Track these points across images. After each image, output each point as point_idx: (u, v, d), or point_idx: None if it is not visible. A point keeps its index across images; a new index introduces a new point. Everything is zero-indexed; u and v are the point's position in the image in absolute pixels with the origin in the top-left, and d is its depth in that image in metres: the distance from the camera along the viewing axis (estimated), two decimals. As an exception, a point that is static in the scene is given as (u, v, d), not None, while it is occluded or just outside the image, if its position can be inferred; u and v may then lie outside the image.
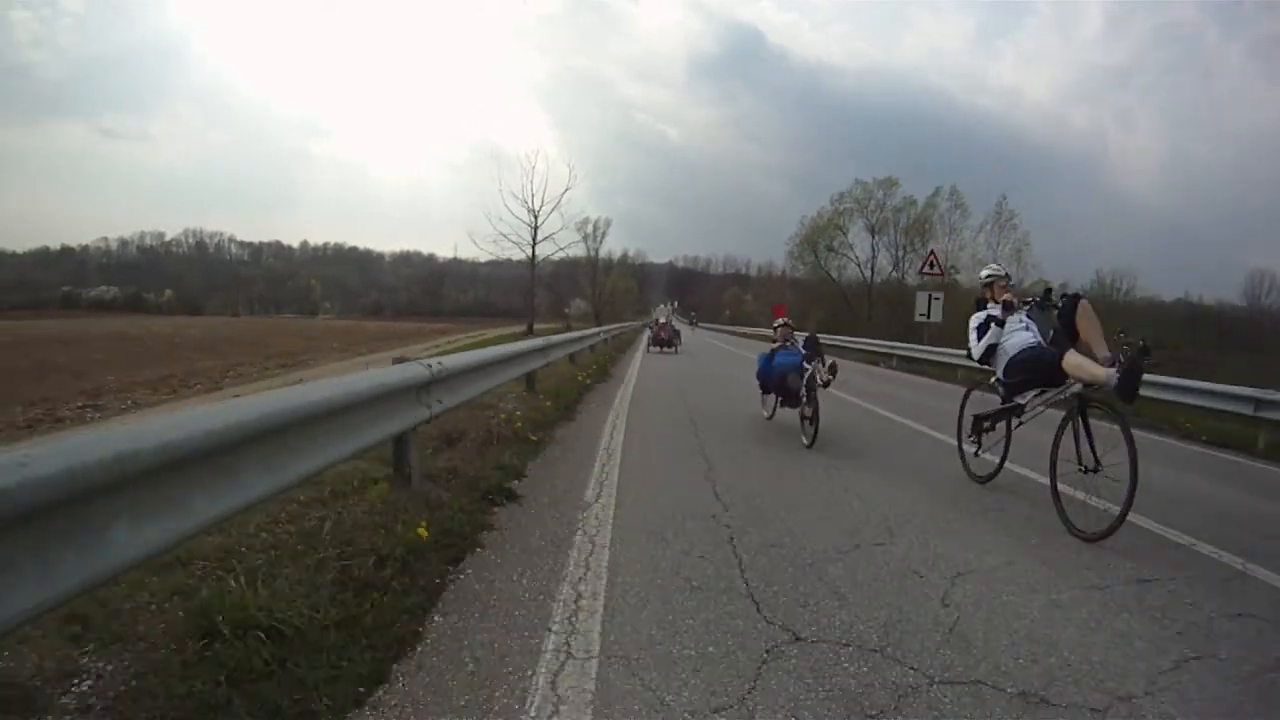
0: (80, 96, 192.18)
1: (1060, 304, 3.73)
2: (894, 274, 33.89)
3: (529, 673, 1.83)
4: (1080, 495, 3.28)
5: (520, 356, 5.67)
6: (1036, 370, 3.66)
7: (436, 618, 2.13)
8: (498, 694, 1.74)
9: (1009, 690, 1.87)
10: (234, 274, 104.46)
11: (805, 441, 5.16)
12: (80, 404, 17.25)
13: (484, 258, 34.84)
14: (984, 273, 4.42)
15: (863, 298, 33.69)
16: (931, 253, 16.28)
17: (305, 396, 2.39)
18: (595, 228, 49.83)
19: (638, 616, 2.18)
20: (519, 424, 4.85)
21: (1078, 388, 3.39)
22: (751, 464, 4.62)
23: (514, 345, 5.83)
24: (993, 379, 4.10)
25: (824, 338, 26.14)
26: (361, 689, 1.74)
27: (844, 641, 2.08)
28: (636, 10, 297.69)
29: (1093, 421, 3.32)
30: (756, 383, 6.30)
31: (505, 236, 29.56)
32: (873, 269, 34.67)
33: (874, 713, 1.72)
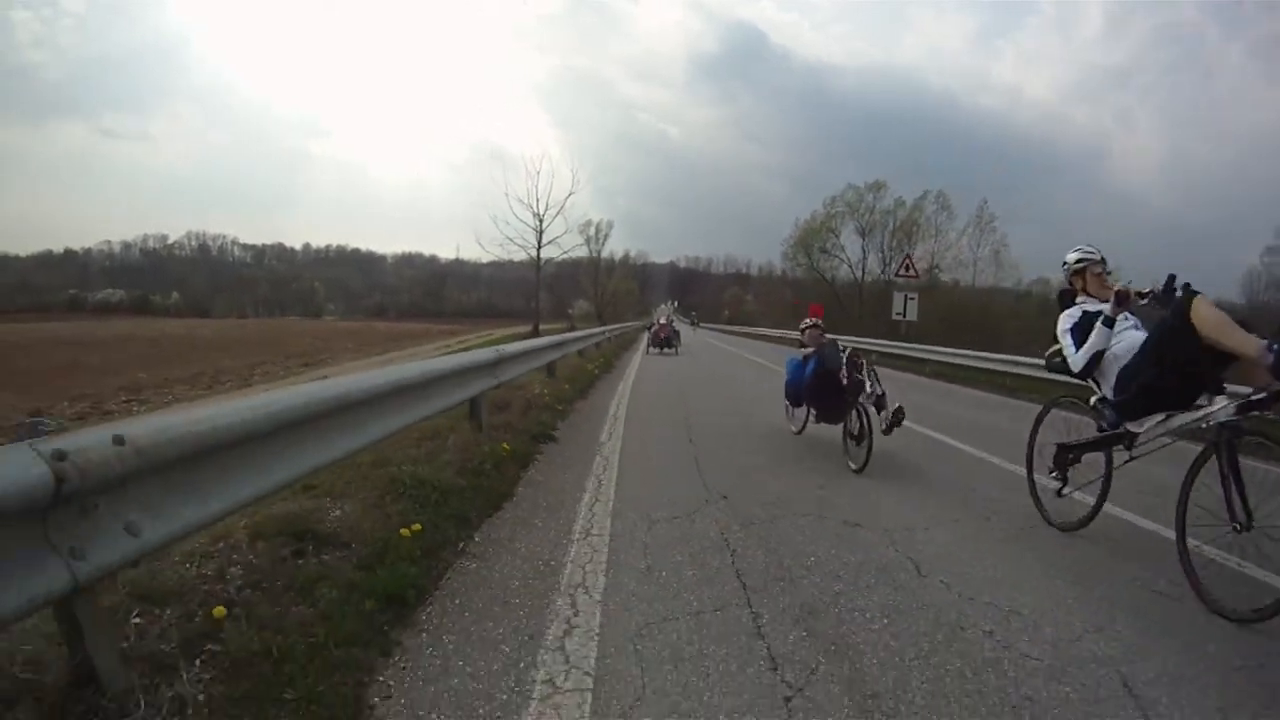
0: (81, 97, 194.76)
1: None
2: (882, 275, 35.69)
3: (577, 506, 3.48)
4: (1206, 548, 2.66)
5: (547, 349, 7.40)
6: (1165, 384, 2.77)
7: (520, 488, 3.77)
8: (562, 512, 3.38)
9: (838, 519, 3.48)
10: (238, 276, 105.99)
11: (853, 465, 4.45)
12: (124, 398, 18.93)
13: (487, 258, 36.55)
14: (1071, 256, 3.43)
15: (854, 297, 35.54)
16: (907, 256, 17.95)
17: (424, 368, 4.00)
18: (598, 230, 51.56)
19: (635, 487, 3.82)
20: (548, 398, 6.51)
21: (1226, 412, 2.55)
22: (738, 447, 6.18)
23: (542, 339, 7.54)
24: (1093, 398, 3.23)
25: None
26: (490, 510, 3.37)
27: (753, 501, 3.71)
28: (636, 10, 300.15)
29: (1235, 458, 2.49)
30: (785, 393, 5.75)
31: (512, 240, 31.23)
32: (863, 270, 36.75)
33: (754, 523, 3.34)
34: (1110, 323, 3.07)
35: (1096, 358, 3.11)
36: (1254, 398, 2.50)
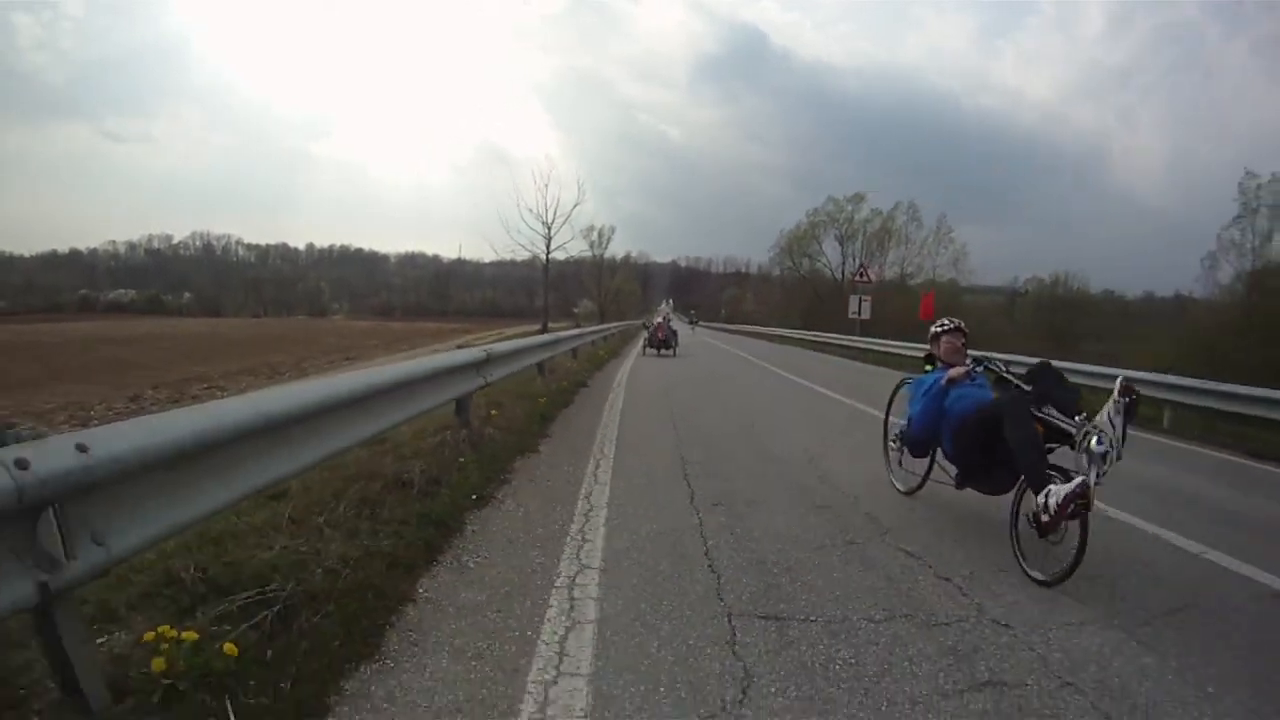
0: (83, 99, 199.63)
1: None
2: (857, 279, 40.06)
3: (604, 405, 7.55)
4: None
5: (574, 338, 11.56)
6: None
7: (575, 400, 7.86)
8: (596, 408, 7.42)
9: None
10: (243, 276, 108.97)
11: (1037, 575, 2.73)
12: (205, 386, 22.90)
13: (489, 258, 40.56)
14: None
15: (835, 298, 39.69)
16: (862, 266, 21.97)
17: (520, 344, 8.02)
18: (601, 234, 55.56)
19: (632, 407, 7.86)
20: (577, 368, 10.57)
21: None
22: (688, 384, 10.26)
23: (569, 331, 11.58)
24: None
25: (799, 335, 31.24)
26: (564, 406, 7.43)
27: (702, 427, 7.75)
28: (638, 11, 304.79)
29: None
30: (889, 432, 4.21)
31: (523, 247, 35.34)
32: (843, 273, 40.93)
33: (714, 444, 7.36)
34: None
35: None
36: None
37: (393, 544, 2.87)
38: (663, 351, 17.56)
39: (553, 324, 39.18)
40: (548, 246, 35.66)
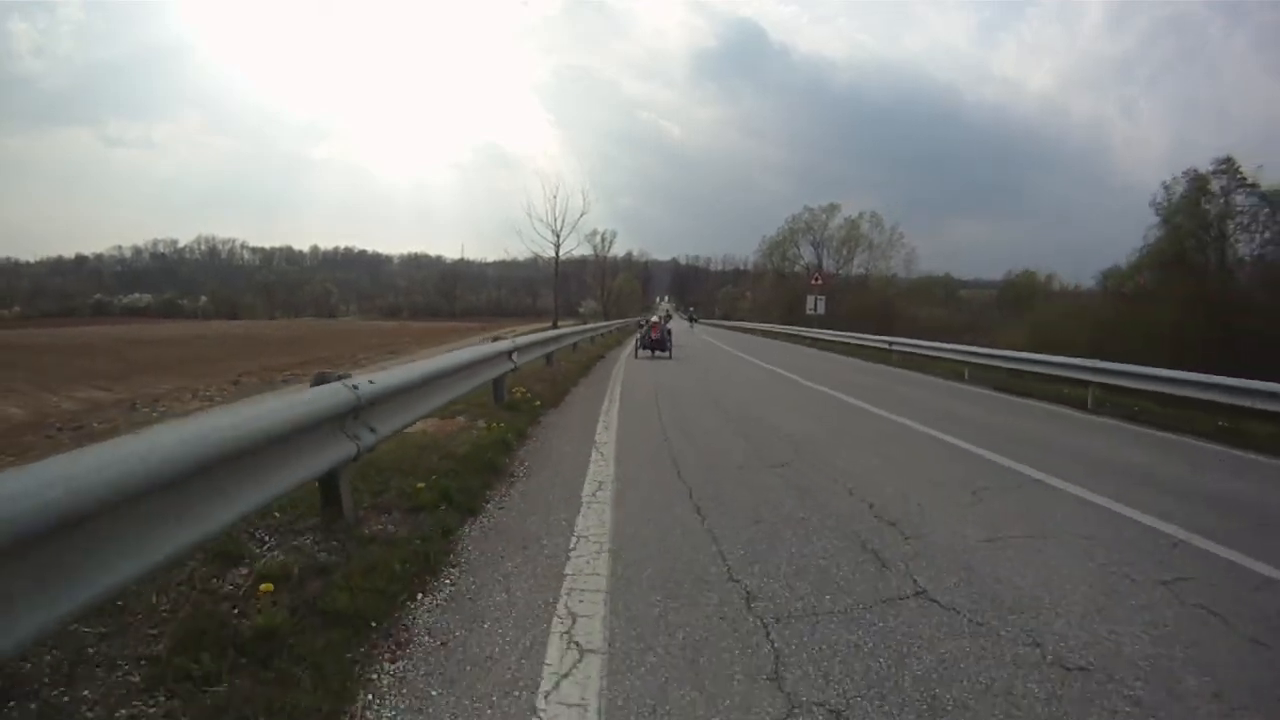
0: (84, 104, 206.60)
1: None
2: (837, 273, 46.82)
3: (615, 365, 14.06)
4: None
5: (592, 330, 18.07)
6: None
7: (593, 367, 14.36)
8: (610, 366, 13.92)
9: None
10: (253, 279, 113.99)
11: None
12: (290, 373, 29.07)
13: (492, 258, 46.85)
14: None
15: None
16: (815, 272, 28.30)
17: (564, 331, 14.49)
18: (604, 239, 62.02)
19: (632, 377, 14.34)
20: (596, 348, 17.04)
21: None
22: (667, 358, 16.79)
23: (589, 325, 18.09)
24: None
25: (780, 329, 38.23)
26: (594, 364, 13.96)
27: (682, 393, 14.23)
28: (639, 10, 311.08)
29: None
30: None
31: (537, 254, 41.84)
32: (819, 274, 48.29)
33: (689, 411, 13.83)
34: None
35: None
36: None
37: (553, 390, 9.35)
38: (657, 354, 16.60)
39: (560, 321, 45.34)
40: (557, 252, 42.05)
